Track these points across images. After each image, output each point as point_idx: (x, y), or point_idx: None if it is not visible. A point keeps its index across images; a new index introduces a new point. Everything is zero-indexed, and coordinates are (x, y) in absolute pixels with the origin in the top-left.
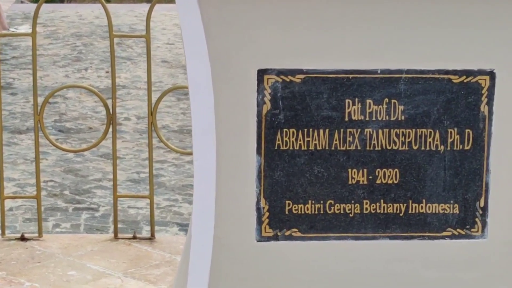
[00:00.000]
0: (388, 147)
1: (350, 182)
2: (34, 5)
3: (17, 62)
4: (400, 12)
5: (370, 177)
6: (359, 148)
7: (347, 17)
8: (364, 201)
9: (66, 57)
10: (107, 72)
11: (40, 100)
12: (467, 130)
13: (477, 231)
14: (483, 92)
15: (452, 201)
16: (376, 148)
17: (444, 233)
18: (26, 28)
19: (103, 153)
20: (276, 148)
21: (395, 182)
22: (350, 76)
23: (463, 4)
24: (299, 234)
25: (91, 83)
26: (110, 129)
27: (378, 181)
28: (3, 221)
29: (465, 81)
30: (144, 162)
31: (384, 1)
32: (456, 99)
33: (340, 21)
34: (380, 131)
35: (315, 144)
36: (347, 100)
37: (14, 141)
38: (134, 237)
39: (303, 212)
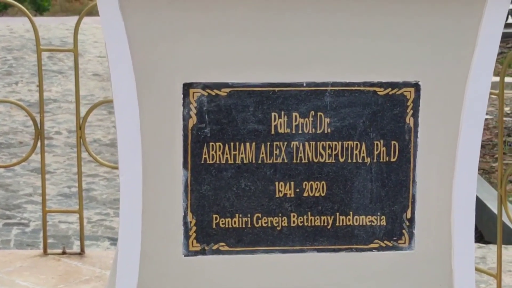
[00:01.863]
0: (315, 160)
1: (277, 195)
2: None
3: None
4: (326, 25)
5: (297, 190)
6: (286, 161)
7: (272, 29)
8: (292, 214)
9: None
10: (37, 86)
11: None
12: (393, 142)
13: (404, 243)
14: (408, 104)
15: (379, 213)
16: (303, 161)
17: (372, 245)
18: None
19: (33, 167)
20: (202, 162)
21: (322, 194)
22: (276, 89)
23: (388, 17)
24: (226, 248)
25: (22, 97)
26: (39, 144)
27: (305, 194)
28: None
29: (390, 93)
30: (75, 176)
31: (309, 14)
32: (381, 111)
33: (265, 33)
34: (306, 144)
35: (242, 158)
36: (273, 113)
37: None
38: (64, 253)
39: (230, 226)
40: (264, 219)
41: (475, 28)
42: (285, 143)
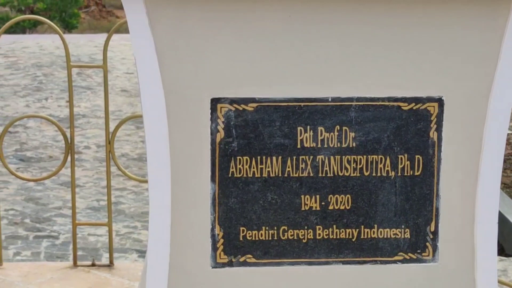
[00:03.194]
0: (340, 174)
1: (303, 208)
2: None
3: None
4: (350, 41)
5: (323, 203)
6: (311, 174)
7: (298, 46)
8: (317, 227)
9: (26, 87)
10: (67, 101)
11: (0, 129)
12: (417, 156)
13: (428, 255)
14: (432, 118)
15: (403, 226)
16: (328, 175)
17: (396, 258)
18: None
19: (63, 181)
20: (230, 175)
21: (347, 207)
22: (302, 104)
23: (412, 33)
24: (253, 260)
25: (52, 113)
26: (69, 158)
27: (331, 207)
28: None
29: (414, 108)
30: (104, 189)
31: (334, 31)
32: (405, 125)
33: (291, 50)
34: (332, 158)
35: (268, 171)
36: (299, 128)
37: None
38: (93, 264)
39: (257, 239)
40: (290, 232)
41: (497, 45)
42: (311, 157)
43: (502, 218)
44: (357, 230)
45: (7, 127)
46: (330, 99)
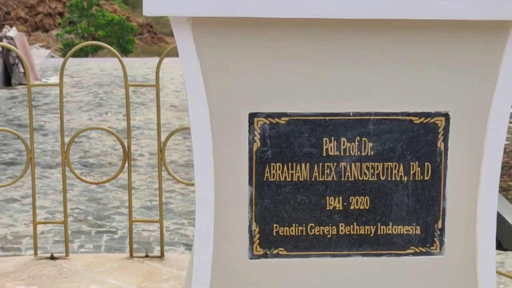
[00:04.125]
0: (360, 178)
1: (328, 208)
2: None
3: (48, 107)
4: (368, 64)
5: (345, 203)
6: (335, 179)
7: (323, 68)
8: (340, 224)
9: (89, 103)
10: (124, 115)
11: (67, 139)
12: (426, 163)
13: (436, 249)
14: (439, 131)
15: (414, 224)
16: (350, 179)
17: (408, 251)
18: (55, 79)
19: (121, 184)
20: (265, 179)
21: (366, 208)
22: (327, 118)
23: (421, 57)
24: (285, 252)
25: (111, 125)
26: (126, 164)
27: (352, 207)
28: (35, 243)
29: (424, 122)
30: (155, 191)
31: (354, 55)
32: (417, 137)
33: (318, 71)
34: (353, 164)
35: (298, 176)
36: (324, 139)
37: (45, 175)
38: (147, 256)
39: (288, 234)
40: (317, 228)
41: (496, 67)
42: (335, 163)
43: (500, 218)
44: (374, 227)
45: (73, 137)
46: (351, 114)
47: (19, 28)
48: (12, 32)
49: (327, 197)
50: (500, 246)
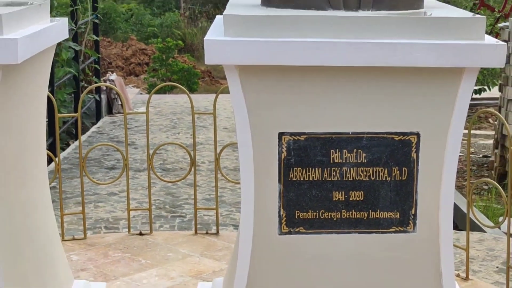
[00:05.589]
0: (357, 178)
1: (334, 199)
2: (148, 95)
3: (138, 129)
4: (364, 99)
5: (346, 196)
6: (339, 179)
7: (331, 102)
8: (342, 211)
9: (166, 126)
10: (191, 134)
11: (151, 151)
12: (403, 168)
13: (411, 228)
14: (413, 145)
15: (395, 210)
16: (350, 179)
17: (391, 230)
18: (143, 109)
19: (188, 183)
20: (289, 179)
21: (361, 199)
22: (333, 136)
23: (400, 95)
24: (303, 230)
25: (182, 141)
26: (192, 169)
27: (351, 199)
28: (129, 224)
29: (402, 139)
30: (213, 188)
31: (354, 93)
32: (396, 149)
33: (327, 104)
34: (351, 168)
35: (313, 177)
36: (331, 150)
37: (136, 176)
38: (207, 233)
39: (305, 218)
40: (326, 214)
41: (453, 100)
42: (339, 168)
43: (455, 206)
44: (367, 213)
45: (155, 150)
46: (350, 133)
47: (118, 73)
48: (113, 76)
49: (333, 192)
50: (456, 227)
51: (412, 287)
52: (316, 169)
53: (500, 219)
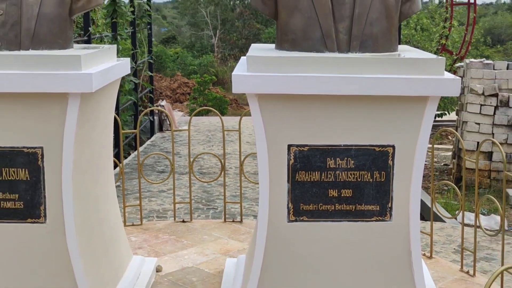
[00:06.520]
0: (347, 180)
1: (329, 196)
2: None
3: (182, 142)
4: (352, 119)
5: (339, 193)
6: (333, 180)
7: (328, 121)
8: (336, 204)
9: (203, 140)
10: (221, 147)
11: (191, 159)
12: (382, 172)
13: (388, 218)
14: (389, 155)
15: (376, 204)
16: (341, 180)
17: (373, 219)
18: (186, 127)
19: (219, 183)
20: (296, 180)
21: (350, 196)
22: (329, 147)
23: (379, 115)
24: (306, 219)
25: (215, 152)
26: (223, 173)
27: (343, 195)
28: (174, 214)
29: (381, 150)
30: (238, 187)
31: (345, 114)
32: (377, 158)
33: (325, 123)
34: (343, 172)
35: (313, 178)
36: (327, 158)
37: (180, 178)
38: (233, 221)
39: (308, 209)
40: (324, 206)
41: (420, 121)
42: (333, 172)
43: (422, 202)
44: (354, 206)
45: (194, 158)
46: (342, 145)
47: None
48: (163, 102)
49: (329, 190)
50: (423, 218)
51: (388, 263)
52: (316, 172)
53: (456, 212)
